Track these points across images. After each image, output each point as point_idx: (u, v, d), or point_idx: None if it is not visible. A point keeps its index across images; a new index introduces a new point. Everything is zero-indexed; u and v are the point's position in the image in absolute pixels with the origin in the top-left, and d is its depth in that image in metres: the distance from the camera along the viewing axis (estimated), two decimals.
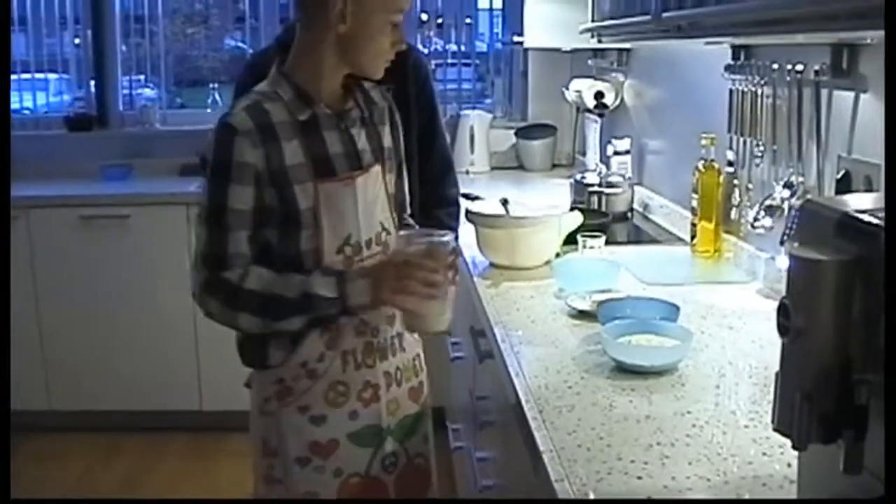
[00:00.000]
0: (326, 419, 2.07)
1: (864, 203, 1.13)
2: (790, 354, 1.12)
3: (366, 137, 2.09)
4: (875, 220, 1.05)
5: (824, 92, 2.26)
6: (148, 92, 5.53)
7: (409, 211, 2.33)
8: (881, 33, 1.27)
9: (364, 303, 1.99)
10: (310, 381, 2.05)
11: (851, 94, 2.15)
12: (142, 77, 5.52)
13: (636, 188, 3.79)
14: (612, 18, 2.82)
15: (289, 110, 1.99)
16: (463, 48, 5.62)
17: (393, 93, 2.26)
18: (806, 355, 1.08)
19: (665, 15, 2.21)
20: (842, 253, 1.06)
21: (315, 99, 2.01)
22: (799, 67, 2.31)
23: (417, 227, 2.30)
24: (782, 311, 1.10)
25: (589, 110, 4.26)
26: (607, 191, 3.65)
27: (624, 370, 1.95)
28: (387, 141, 2.16)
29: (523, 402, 1.80)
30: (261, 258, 2.00)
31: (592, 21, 3.08)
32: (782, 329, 1.10)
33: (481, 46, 5.80)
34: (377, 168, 2.09)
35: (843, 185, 2.14)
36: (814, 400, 1.08)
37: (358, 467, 2.10)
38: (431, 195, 2.77)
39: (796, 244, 1.09)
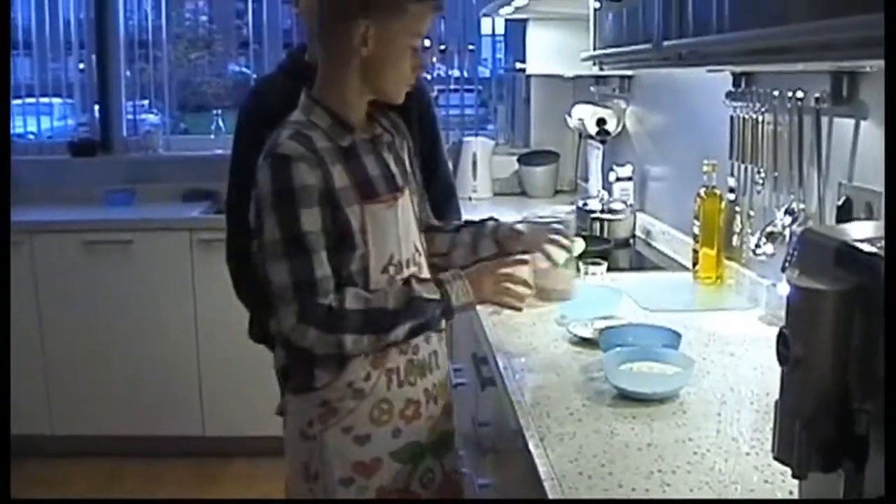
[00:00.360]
0: (370, 438, 2.08)
1: (863, 232, 1.14)
2: (790, 383, 1.12)
3: (395, 161, 2.13)
4: (874, 250, 1.06)
5: (825, 119, 2.27)
6: (151, 117, 5.54)
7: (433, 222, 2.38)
8: (881, 62, 1.28)
9: (467, 302, 2.05)
10: (355, 402, 2.06)
11: (852, 122, 2.16)
12: (145, 102, 5.54)
13: (638, 214, 3.80)
14: (613, 46, 2.83)
15: (328, 137, 2.01)
16: (466, 74, 5.64)
17: None
18: (805, 384, 1.08)
19: (666, 43, 2.21)
20: (841, 282, 1.06)
21: (353, 125, 2.05)
22: (799, 95, 2.32)
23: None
24: (781, 339, 1.10)
25: (591, 136, 4.27)
26: (609, 217, 3.66)
27: (626, 397, 1.95)
28: (408, 164, 2.20)
29: (525, 430, 1.80)
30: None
31: (594, 49, 3.09)
32: (782, 358, 1.11)
33: (484, 72, 5.82)
34: (408, 190, 2.13)
35: (845, 212, 2.14)
36: (813, 429, 1.08)
37: (399, 484, 2.11)
38: None
39: (796, 273, 1.10)
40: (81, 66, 5.43)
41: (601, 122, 4.15)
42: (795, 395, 1.10)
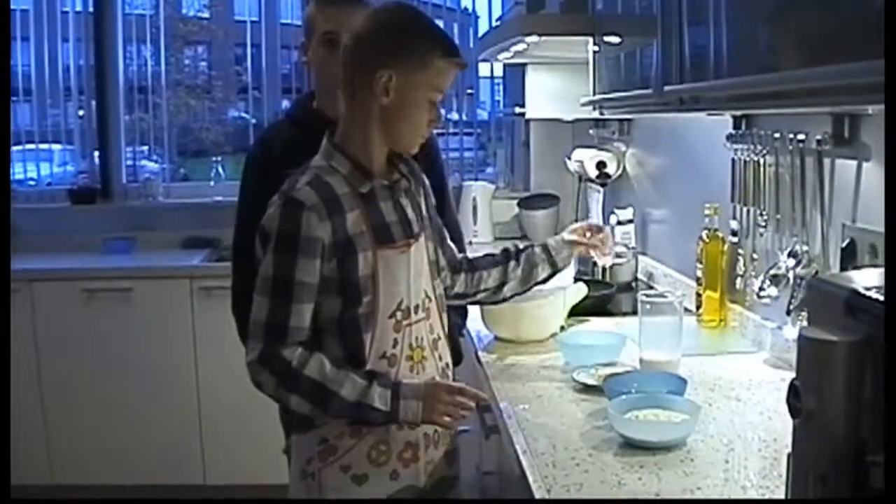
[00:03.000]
0: (368, 478, 2.07)
1: (871, 280, 1.12)
2: (802, 436, 1.10)
3: (411, 207, 2.13)
4: (883, 298, 1.04)
5: (827, 161, 2.26)
6: (151, 164, 5.54)
7: (459, 257, 2.39)
8: (881, 106, 1.27)
9: (413, 421, 2.04)
10: (353, 440, 2.06)
11: (854, 163, 2.15)
12: (145, 148, 5.54)
13: (640, 257, 3.78)
14: (613, 91, 2.83)
15: (348, 182, 2.03)
16: (465, 117, 5.65)
17: None
18: (818, 437, 1.06)
19: (667, 88, 2.21)
20: (852, 332, 1.04)
21: (372, 171, 2.06)
22: (801, 137, 2.31)
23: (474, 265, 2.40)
24: (793, 391, 1.08)
25: (591, 180, 4.26)
26: (611, 261, 3.63)
27: (632, 446, 1.92)
28: (425, 210, 2.20)
29: (531, 481, 1.78)
30: (319, 326, 2.03)
31: (594, 93, 3.09)
32: (793, 410, 1.08)
33: (482, 115, 5.83)
34: (423, 236, 2.14)
35: (849, 254, 2.13)
36: (828, 482, 1.06)
37: None
38: None
39: (805, 324, 1.08)
40: (81, 112, 5.44)
41: (601, 165, 4.15)
42: (809, 448, 1.08)
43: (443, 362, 2.18)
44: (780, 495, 1.65)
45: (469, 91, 5.75)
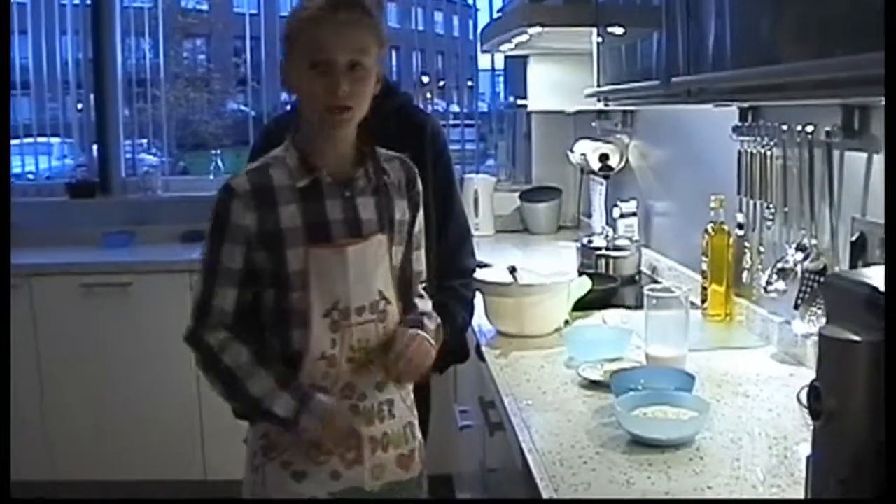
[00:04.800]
0: (307, 475, 2.06)
1: None
2: (823, 438, 1.07)
3: (374, 207, 2.07)
4: None
5: (836, 153, 2.23)
6: (150, 158, 5.52)
7: (423, 282, 2.27)
8: None
9: (309, 439, 2.01)
10: (292, 437, 2.04)
11: (864, 155, 2.12)
12: (144, 141, 5.52)
13: (643, 250, 3.75)
14: (618, 83, 2.80)
15: (291, 176, 2.01)
16: (465, 109, 5.62)
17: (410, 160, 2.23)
18: (839, 439, 1.03)
19: (674, 80, 2.18)
20: (873, 332, 1.01)
21: (317, 166, 2.02)
22: (809, 128, 2.28)
23: (429, 299, 2.26)
24: (813, 392, 1.05)
25: (594, 172, 4.23)
26: (615, 254, 3.61)
27: (640, 443, 1.89)
28: (399, 213, 2.12)
29: (538, 480, 1.75)
30: (253, 314, 2.05)
31: (598, 85, 3.05)
32: (814, 412, 1.05)
33: (483, 107, 5.80)
34: (380, 238, 2.07)
35: (859, 248, 2.10)
36: (849, 485, 1.03)
37: None
38: (447, 265, 2.72)
39: (813, 319, 1.04)
40: (80, 105, 5.42)
41: (604, 157, 4.12)
42: (829, 451, 1.05)
43: None
44: (791, 494, 1.62)
45: (469, 83, 5.72)
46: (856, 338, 1.00)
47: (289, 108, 2.88)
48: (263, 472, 2.09)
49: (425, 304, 2.23)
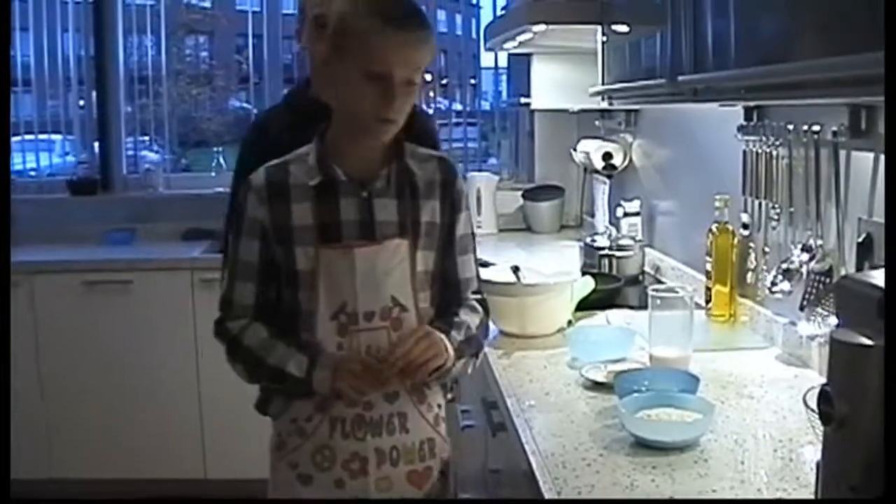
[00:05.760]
0: (313, 480, 2.04)
1: None
2: (834, 443, 1.05)
3: (396, 210, 2.01)
4: None
5: (843, 153, 2.21)
6: (152, 155, 5.51)
7: (475, 292, 2.21)
8: None
9: (324, 392, 1.99)
10: (300, 439, 2.05)
11: (871, 155, 2.10)
12: (146, 139, 5.51)
13: (646, 250, 3.73)
14: (623, 81, 2.78)
15: (308, 174, 1.99)
16: (468, 108, 5.61)
17: None
18: (851, 444, 1.01)
19: (681, 78, 2.16)
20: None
21: (334, 165, 1.99)
22: (815, 128, 2.26)
23: (480, 311, 2.19)
24: (824, 397, 1.03)
25: (597, 171, 4.21)
26: (618, 254, 3.59)
27: (644, 446, 1.87)
28: (427, 216, 2.05)
29: (541, 483, 1.73)
30: (269, 311, 2.06)
31: (603, 83, 3.03)
32: (824, 417, 1.03)
33: (485, 105, 5.79)
34: (398, 242, 2.00)
35: (865, 249, 2.08)
36: (860, 491, 1.01)
37: None
38: None
39: (836, 326, 1.03)
40: (81, 102, 5.40)
41: (607, 156, 4.10)
42: (841, 456, 1.03)
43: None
44: (797, 498, 1.61)
45: (472, 81, 5.71)
46: (868, 342, 0.98)
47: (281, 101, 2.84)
48: (274, 470, 2.10)
49: (469, 316, 2.13)
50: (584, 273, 3.06)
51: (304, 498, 2.05)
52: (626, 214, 3.79)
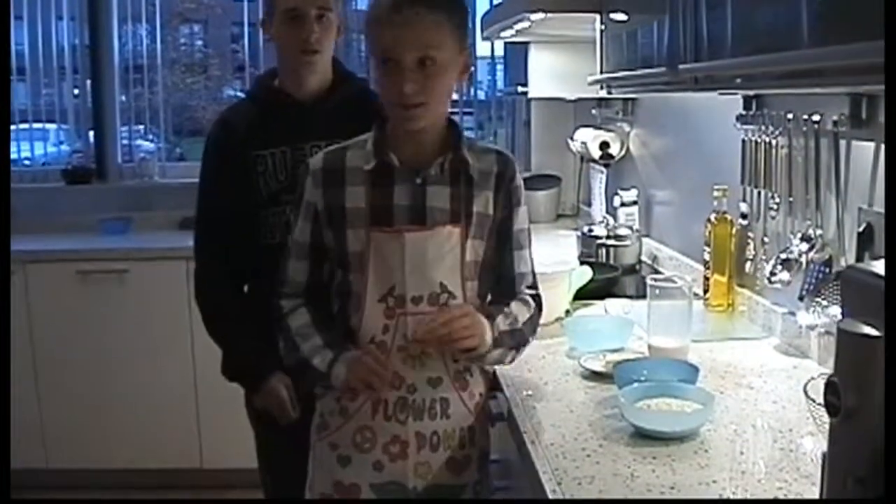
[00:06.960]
0: (351, 461, 2.07)
1: None
2: (840, 435, 1.04)
3: (448, 198, 2.03)
4: None
5: (843, 142, 2.20)
6: (147, 144, 5.49)
7: (530, 287, 2.21)
8: None
9: (338, 387, 2.04)
10: (342, 419, 2.08)
11: (871, 145, 2.09)
12: (141, 127, 5.49)
13: (644, 240, 3.72)
14: (622, 70, 2.76)
15: (364, 158, 2.03)
16: (464, 97, 5.59)
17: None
18: (858, 436, 1.00)
19: (682, 67, 2.15)
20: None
21: (389, 150, 2.02)
22: (815, 118, 2.25)
23: (534, 306, 2.19)
24: (831, 388, 1.02)
25: (594, 160, 4.20)
26: (615, 243, 3.58)
27: (644, 436, 1.87)
28: (480, 206, 2.06)
29: (541, 474, 1.72)
30: (319, 292, 2.13)
31: (601, 72, 3.02)
32: (831, 409, 1.02)
33: (481, 94, 5.77)
34: (450, 229, 2.02)
35: (866, 239, 2.07)
36: (867, 484, 0.99)
37: None
38: None
39: (842, 317, 1.01)
40: (76, 91, 5.39)
41: (604, 145, 4.09)
42: (847, 448, 1.02)
43: (459, 364, 2.08)
44: (798, 488, 1.61)
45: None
46: (875, 332, 0.97)
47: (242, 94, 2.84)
48: (316, 448, 2.15)
49: (519, 309, 2.14)
50: (581, 262, 3.05)
51: (305, 498, 2.09)
52: (623, 204, 3.78)
